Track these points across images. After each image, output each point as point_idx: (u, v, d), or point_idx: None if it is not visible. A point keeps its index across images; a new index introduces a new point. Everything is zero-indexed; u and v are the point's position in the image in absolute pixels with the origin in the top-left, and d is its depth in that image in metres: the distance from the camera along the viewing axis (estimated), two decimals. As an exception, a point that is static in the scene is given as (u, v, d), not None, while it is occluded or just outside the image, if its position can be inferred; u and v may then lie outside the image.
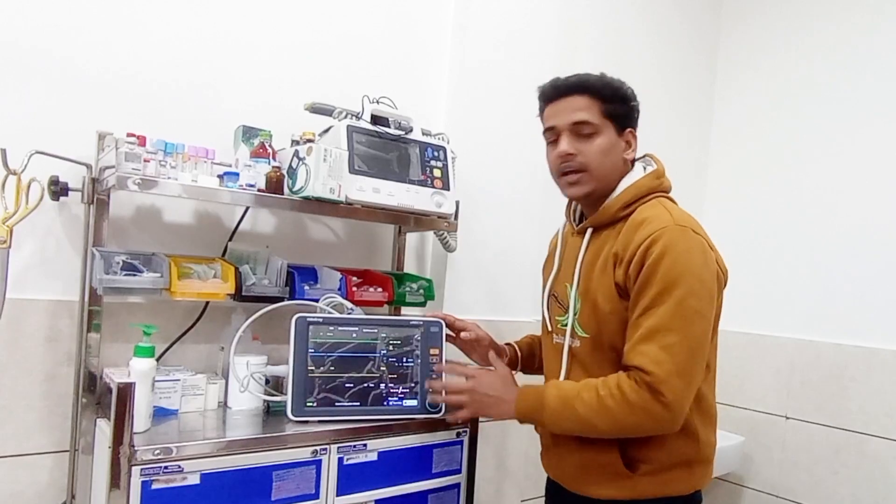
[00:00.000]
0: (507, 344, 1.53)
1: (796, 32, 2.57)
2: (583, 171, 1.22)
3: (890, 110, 2.27)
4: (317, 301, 1.51)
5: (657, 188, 1.25)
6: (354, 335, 1.44)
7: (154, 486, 1.15)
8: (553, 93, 1.25)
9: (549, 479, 1.39)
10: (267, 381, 1.48)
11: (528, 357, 1.53)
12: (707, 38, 2.80)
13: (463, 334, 1.46)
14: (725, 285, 1.22)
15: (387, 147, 1.58)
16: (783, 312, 2.47)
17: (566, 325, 1.27)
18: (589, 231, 1.28)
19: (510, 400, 1.23)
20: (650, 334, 1.09)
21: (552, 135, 1.26)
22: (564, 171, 1.24)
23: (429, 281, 1.73)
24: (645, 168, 1.28)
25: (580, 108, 1.22)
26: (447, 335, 1.49)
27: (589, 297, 1.23)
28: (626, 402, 1.09)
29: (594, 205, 1.27)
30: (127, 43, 1.50)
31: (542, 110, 1.30)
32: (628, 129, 1.26)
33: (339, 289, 1.55)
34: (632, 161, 1.28)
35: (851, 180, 2.35)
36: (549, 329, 1.36)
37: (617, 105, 1.23)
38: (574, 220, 1.36)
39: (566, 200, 1.36)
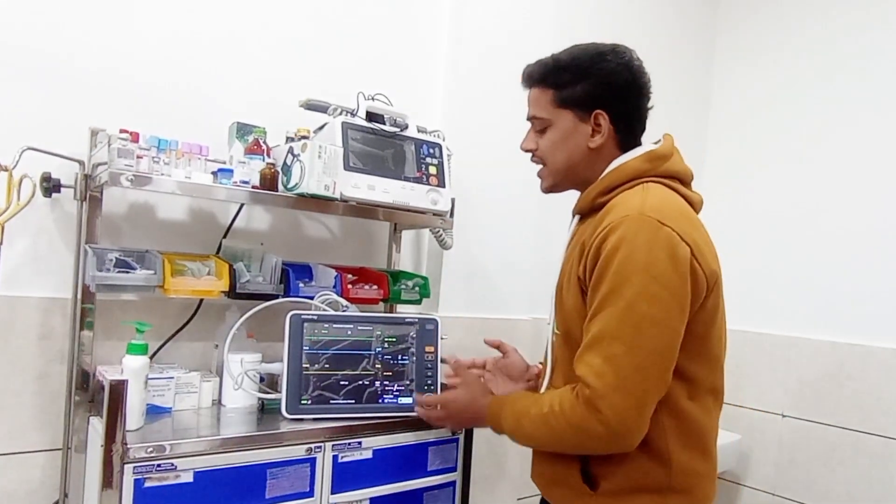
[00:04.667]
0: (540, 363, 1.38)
1: (793, 27, 2.56)
2: (543, 164, 1.20)
3: (886, 107, 2.27)
4: (312, 298, 1.50)
5: (648, 172, 1.09)
6: (349, 333, 1.44)
7: (147, 485, 1.14)
8: (524, 86, 1.22)
9: None
10: (261, 379, 1.47)
11: None
12: (704, 34, 2.80)
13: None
14: (713, 288, 1.05)
15: (382, 144, 1.58)
16: (779, 310, 2.47)
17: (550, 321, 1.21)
18: (575, 220, 1.21)
19: (481, 416, 1.20)
20: (595, 342, 0.99)
21: None
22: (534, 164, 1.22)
23: (424, 278, 1.72)
24: (645, 150, 1.15)
25: (532, 102, 1.18)
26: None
27: (559, 290, 1.15)
28: (566, 419, 1.01)
29: (580, 193, 1.20)
30: (120, 39, 1.49)
31: None
32: (596, 112, 1.11)
33: (334, 286, 1.55)
34: (619, 145, 1.14)
35: (848, 177, 2.35)
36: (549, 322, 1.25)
37: (575, 88, 1.11)
38: None
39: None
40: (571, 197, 1.33)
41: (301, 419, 1.36)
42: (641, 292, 0.96)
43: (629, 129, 1.15)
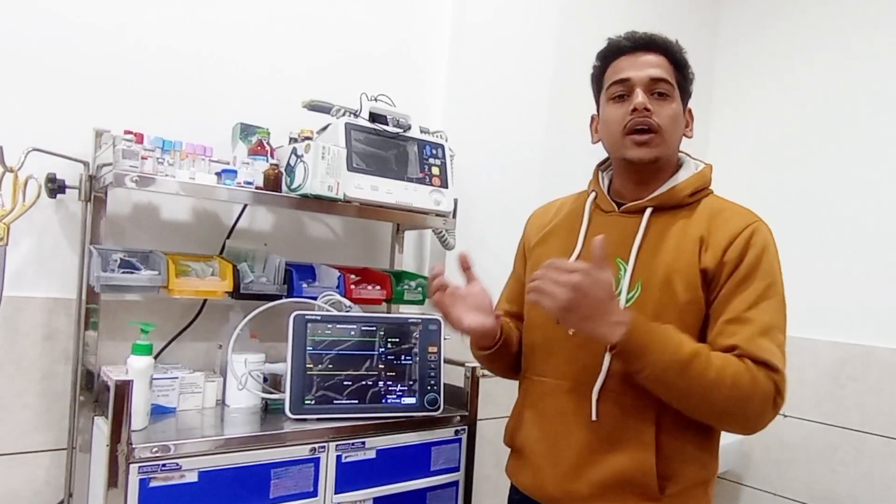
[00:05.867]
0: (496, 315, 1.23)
1: (795, 27, 2.56)
2: (655, 132, 1.09)
3: (887, 108, 2.27)
4: (315, 299, 1.51)
5: (709, 184, 1.18)
6: (353, 333, 1.44)
7: (152, 484, 1.15)
8: (630, 45, 1.13)
9: (520, 498, 1.19)
10: (265, 379, 1.47)
11: (504, 344, 1.22)
12: (706, 33, 2.80)
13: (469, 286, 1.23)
14: None
15: (385, 145, 1.58)
16: (781, 311, 2.47)
17: None
18: (649, 211, 1.12)
19: (619, 320, 0.96)
20: (768, 330, 1.02)
21: (623, 88, 1.11)
22: (636, 127, 1.09)
23: (427, 279, 1.73)
24: (693, 161, 1.20)
25: (660, 66, 1.11)
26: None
27: (654, 285, 1.06)
28: (757, 387, 0.98)
29: (645, 181, 1.14)
30: (124, 40, 1.50)
31: (606, 66, 1.16)
32: (688, 108, 1.18)
33: (338, 287, 1.55)
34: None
35: (849, 178, 2.35)
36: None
37: (685, 78, 1.16)
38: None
39: (577, 180, 1.27)
40: (571, 193, 1.33)
41: (305, 419, 1.36)
42: (783, 290, 1.10)
43: None
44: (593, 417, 1.07)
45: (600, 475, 1.05)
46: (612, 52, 1.15)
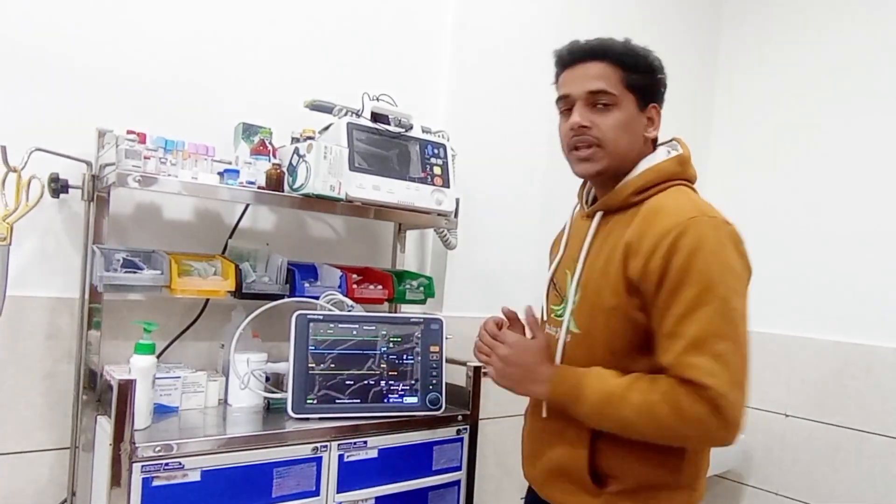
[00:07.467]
0: None
1: (797, 24, 2.56)
2: (596, 146, 1.09)
3: (890, 106, 2.27)
4: (317, 298, 1.51)
5: (680, 175, 1.11)
6: (354, 332, 1.44)
7: (155, 483, 1.15)
8: (569, 58, 1.12)
9: (528, 486, 1.28)
10: (267, 379, 1.48)
11: None
12: (708, 31, 2.80)
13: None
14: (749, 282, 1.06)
15: (387, 144, 1.58)
16: (783, 310, 2.47)
17: (561, 316, 1.15)
18: (598, 215, 1.14)
19: (543, 379, 1.08)
20: (698, 344, 0.96)
21: (565, 104, 1.13)
22: (576, 145, 1.11)
23: (429, 278, 1.73)
24: (669, 152, 1.13)
25: (598, 76, 1.09)
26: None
27: (590, 289, 1.10)
28: (682, 414, 0.95)
29: (606, 186, 1.15)
30: (127, 40, 1.50)
31: (556, 77, 1.16)
32: (652, 105, 1.12)
33: (340, 286, 1.55)
34: (653, 142, 1.16)
35: (852, 176, 2.35)
36: (545, 318, 1.23)
37: (641, 76, 1.10)
38: (586, 203, 1.23)
39: (579, 181, 1.24)
40: (573, 194, 1.33)
41: (307, 418, 1.36)
42: (731, 290, 0.99)
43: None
44: (543, 414, 1.15)
45: (545, 465, 1.15)
46: (558, 65, 1.15)
